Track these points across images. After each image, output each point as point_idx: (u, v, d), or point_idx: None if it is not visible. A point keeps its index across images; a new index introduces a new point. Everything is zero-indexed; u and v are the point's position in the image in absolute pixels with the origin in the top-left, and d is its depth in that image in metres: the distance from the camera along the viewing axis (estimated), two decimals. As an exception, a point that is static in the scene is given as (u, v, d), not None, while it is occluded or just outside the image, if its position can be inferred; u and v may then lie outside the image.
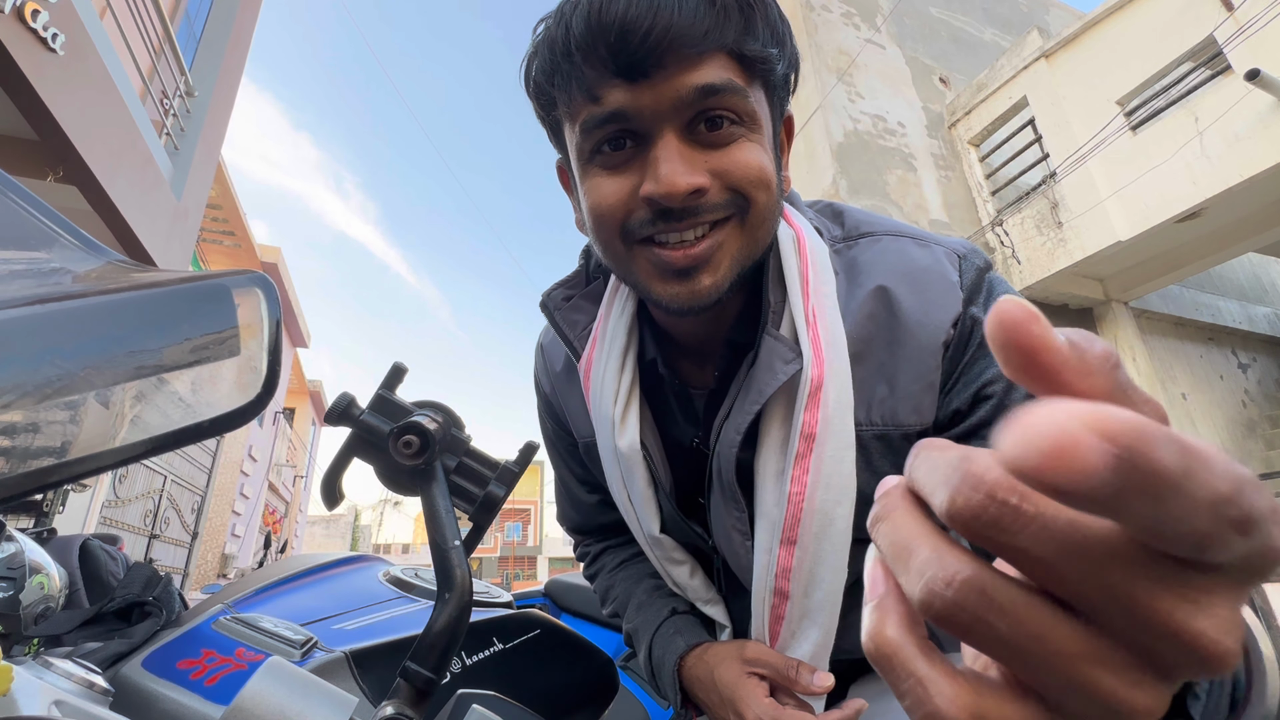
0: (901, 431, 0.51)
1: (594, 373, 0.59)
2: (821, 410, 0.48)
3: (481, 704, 0.36)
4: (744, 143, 0.45)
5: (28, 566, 0.62)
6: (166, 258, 4.67)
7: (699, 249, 0.45)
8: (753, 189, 0.45)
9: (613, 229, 0.47)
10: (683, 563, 0.64)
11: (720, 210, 0.45)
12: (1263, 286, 8.67)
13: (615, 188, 0.45)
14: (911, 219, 6.69)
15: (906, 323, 0.50)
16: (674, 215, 0.44)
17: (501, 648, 0.59)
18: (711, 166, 0.44)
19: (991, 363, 0.49)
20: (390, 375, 0.45)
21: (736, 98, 0.43)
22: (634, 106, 0.43)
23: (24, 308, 0.25)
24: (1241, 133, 4.98)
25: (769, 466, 0.53)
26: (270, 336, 0.30)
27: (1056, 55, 6.49)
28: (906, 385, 0.50)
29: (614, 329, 0.58)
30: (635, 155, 0.45)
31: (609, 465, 0.62)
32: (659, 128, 0.44)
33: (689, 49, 0.41)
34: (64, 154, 3.36)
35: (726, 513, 0.57)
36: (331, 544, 29.27)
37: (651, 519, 0.61)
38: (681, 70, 0.42)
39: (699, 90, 0.42)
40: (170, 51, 4.63)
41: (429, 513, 0.40)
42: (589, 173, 0.47)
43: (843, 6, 7.67)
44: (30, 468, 0.22)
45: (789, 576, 0.51)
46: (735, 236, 0.46)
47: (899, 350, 0.50)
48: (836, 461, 0.49)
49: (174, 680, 0.44)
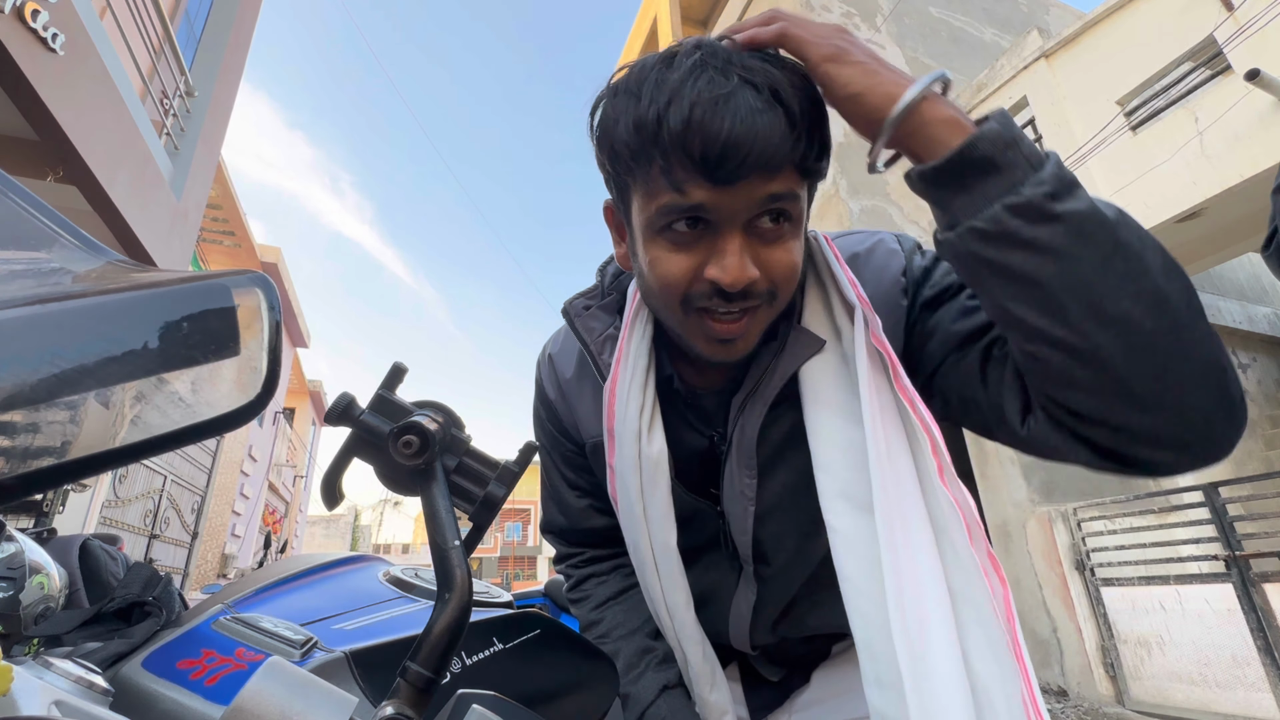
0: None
1: (619, 390, 0.64)
2: (887, 343, 0.55)
3: (481, 704, 0.36)
4: (789, 241, 0.53)
5: (28, 566, 0.62)
6: (166, 258, 4.67)
7: (739, 325, 0.54)
8: (785, 284, 0.54)
9: (675, 297, 0.54)
10: (682, 589, 0.67)
11: (758, 300, 0.54)
12: (1263, 286, 8.67)
13: (683, 265, 0.52)
14: (912, 219, 6.69)
15: (871, 278, 0.61)
16: (729, 297, 0.52)
17: (501, 648, 0.59)
18: (760, 261, 0.52)
19: (937, 293, 0.59)
20: (390, 375, 0.45)
21: (795, 202, 0.51)
22: (713, 203, 0.49)
23: (24, 308, 0.25)
24: (1241, 133, 4.98)
25: (824, 422, 0.58)
26: (270, 336, 0.30)
27: (1056, 55, 6.49)
28: (889, 329, 0.59)
29: (636, 350, 0.64)
30: (702, 238, 0.52)
31: (628, 477, 0.65)
32: (730, 225, 0.50)
33: (764, 165, 0.47)
34: (64, 154, 3.36)
35: (739, 479, 0.63)
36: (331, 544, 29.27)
37: (669, 529, 0.65)
38: (760, 181, 0.48)
39: (769, 198, 0.49)
40: (170, 51, 4.63)
41: (429, 513, 0.40)
42: (656, 243, 0.53)
43: (843, 6, 7.67)
44: (30, 468, 0.22)
45: (975, 513, 0.52)
46: (766, 316, 0.56)
47: (878, 307, 0.59)
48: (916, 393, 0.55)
49: (174, 680, 0.44)
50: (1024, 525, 5.20)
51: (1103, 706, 4.36)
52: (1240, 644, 3.81)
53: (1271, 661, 3.67)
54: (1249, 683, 3.75)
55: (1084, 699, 4.53)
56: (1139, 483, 6.15)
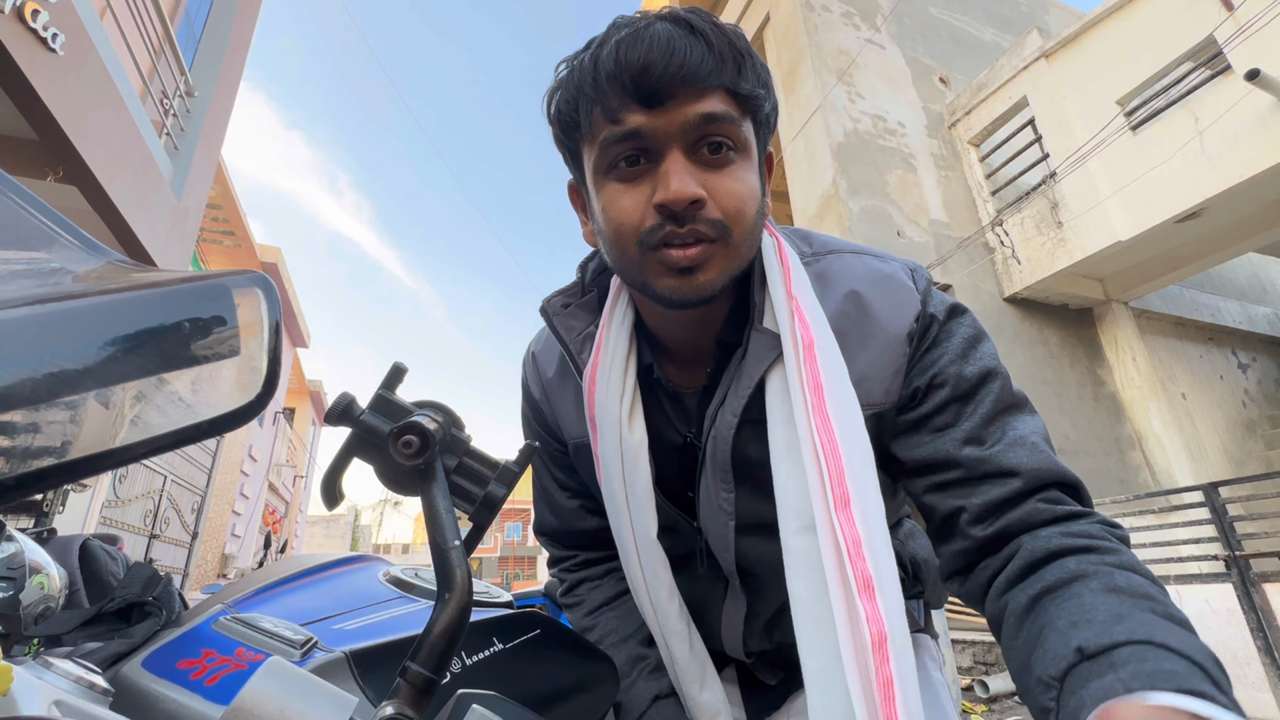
0: (875, 411, 0.57)
1: (599, 377, 0.63)
2: (820, 364, 0.54)
3: (481, 704, 0.36)
4: (736, 168, 0.53)
5: (28, 566, 0.62)
6: (166, 258, 4.67)
7: (694, 252, 0.52)
8: (738, 214, 0.53)
9: (631, 237, 0.53)
10: (665, 582, 0.65)
11: (711, 230, 0.52)
12: (1263, 286, 8.67)
13: (632, 200, 0.53)
14: (911, 219, 6.68)
15: (877, 318, 0.57)
16: (678, 220, 0.51)
17: (501, 648, 0.59)
18: (708, 186, 0.52)
19: (944, 353, 0.57)
20: (390, 375, 0.45)
21: (732, 126, 0.52)
22: (648, 128, 0.51)
23: (24, 308, 0.25)
24: (1241, 133, 4.98)
25: (779, 440, 0.56)
26: (270, 336, 0.30)
27: (1056, 55, 6.49)
28: (880, 371, 0.57)
29: (615, 337, 0.64)
30: (646, 171, 0.53)
31: (610, 464, 0.64)
32: (668, 147, 0.51)
33: (695, 85, 0.50)
34: (64, 154, 3.36)
35: (715, 494, 0.62)
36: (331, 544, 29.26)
37: (650, 520, 0.64)
38: (688, 101, 0.50)
39: (702, 117, 0.50)
40: (170, 51, 4.63)
41: (429, 513, 0.40)
42: (604, 185, 0.55)
43: (843, 6, 7.67)
44: (30, 468, 0.22)
45: (860, 547, 0.49)
46: (723, 252, 0.54)
47: (871, 341, 0.57)
48: (850, 413, 0.53)
49: (174, 680, 0.44)
50: (1024, 525, 5.19)
51: (1103, 706, 4.36)
52: (1240, 644, 3.81)
53: (1271, 661, 3.67)
54: (1249, 683, 3.75)
55: (1084, 699, 4.53)
56: (1139, 483, 6.15)
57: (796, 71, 7.35)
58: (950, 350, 0.57)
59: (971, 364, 0.56)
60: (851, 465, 0.51)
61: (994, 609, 0.50)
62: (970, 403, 0.55)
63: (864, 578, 0.48)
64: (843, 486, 0.51)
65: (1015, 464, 0.52)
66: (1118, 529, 0.50)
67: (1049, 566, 0.47)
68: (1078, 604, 0.42)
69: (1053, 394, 6.23)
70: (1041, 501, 0.51)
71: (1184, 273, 6.32)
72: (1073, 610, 0.42)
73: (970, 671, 5.15)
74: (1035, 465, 0.51)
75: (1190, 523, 4.16)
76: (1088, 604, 0.42)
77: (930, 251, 6.55)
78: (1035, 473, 0.51)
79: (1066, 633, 0.41)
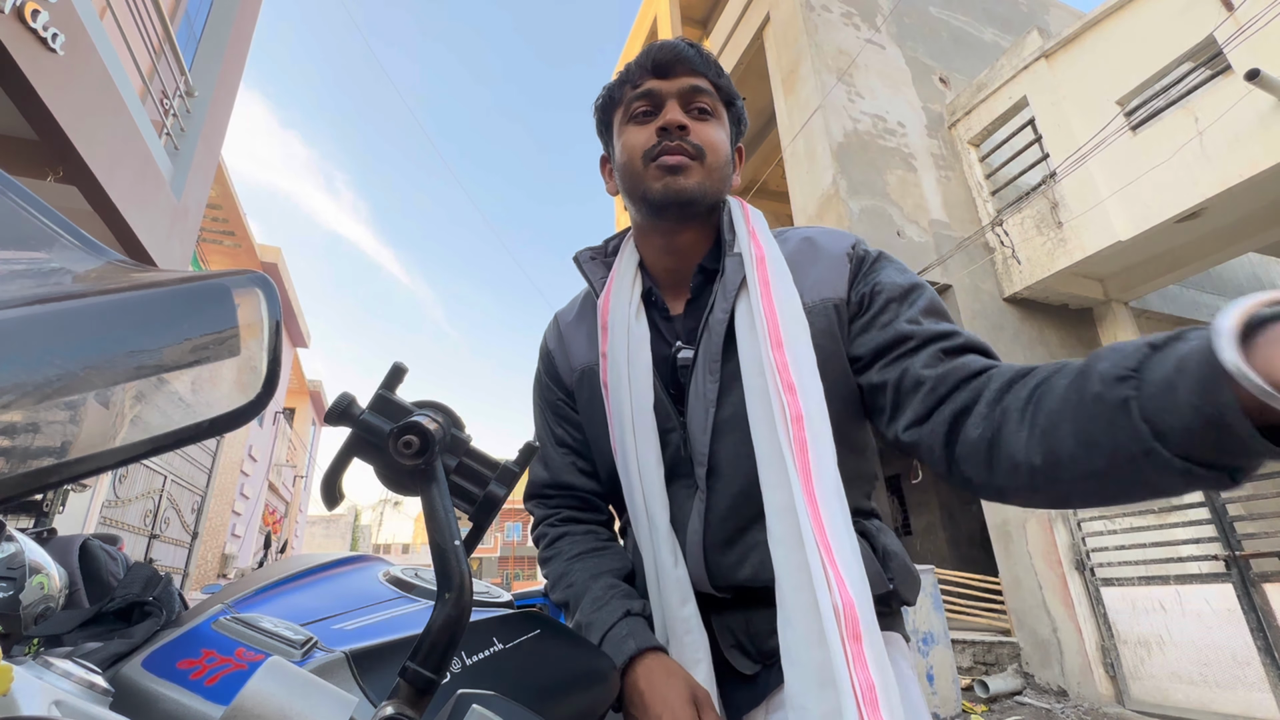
0: (832, 302, 0.73)
1: (613, 293, 0.81)
2: (770, 268, 0.72)
3: (481, 704, 0.36)
4: (713, 123, 0.78)
5: (28, 566, 0.62)
6: (166, 258, 4.67)
7: (680, 157, 0.74)
8: (711, 146, 0.76)
9: (638, 153, 0.77)
10: (655, 466, 0.74)
11: (692, 150, 0.75)
12: (1263, 286, 8.67)
13: (643, 132, 0.77)
14: (911, 219, 6.68)
15: (823, 247, 0.78)
16: (670, 135, 0.75)
17: (501, 648, 0.59)
18: (693, 127, 0.76)
19: (881, 271, 0.74)
20: (390, 375, 0.45)
21: (712, 99, 0.79)
22: (658, 88, 0.78)
23: (24, 308, 0.25)
24: (1241, 133, 4.98)
25: (744, 328, 0.71)
26: (270, 336, 0.30)
27: (1056, 55, 6.49)
28: (829, 275, 0.75)
29: (625, 270, 0.83)
30: (653, 116, 0.78)
31: (618, 353, 0.77)
32: (669, 100, 0.77)
33: (689, 67, 0.78)
34: (64, 154, 3.36)
35: (703, 384, 0.73)
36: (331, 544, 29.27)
37: (647, 392, 0.75)
38: (684, 75, 0.78)
39: (692, 86, 0.78)
40: (170, 51, 4.63)
41: (429, 513, 0.40)
42: (625, 129, 0.79)
43: (843, 6, 7.67)
44: (30, 468, 0.22)
45: (788, 369, 0.66)
46: (699, 169, 0.75)
47: (819, 260, 0.76)
48: (790, 299, 0.71)
49: (174, 680, 0.44)
50: (1024, 525, 5.19)
51: (1103, 706, 4.36)
52: (1240, 644, 3.81)
53: (1271, 661, 3.67)
54: (1249, 683, 3.75)
55: (1084, 699, 4.54)
56: (1139, 483, 6.15)
57: (796, 71, 7.35)
58: (886, 270, 0.74)
59: (905, 276, 0.73)
60: (789, 333, 0.68)
61: (975, 433, 0.55)
62: (906, 302, 0.70)
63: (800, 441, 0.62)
64: (786, 373, 0.65)
65: (950, 330, 0.66)
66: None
67: (1032, 373, 0.54)
68: (1095, 360, 0.47)
69: (1053, 394, 6.23)
70: (977, 355, 0.63)
71: (1184, 273, 6.32)
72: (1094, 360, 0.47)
73: (970, 671, 5.15)
74: (968, 335, 0.65)
75: (1190, 523, 4.16)
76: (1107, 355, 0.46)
77: (930, 251, 6.55)
78: (969, 338, 0.64)
79: (1114, 354, 0.45)
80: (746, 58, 8.57)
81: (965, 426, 0.57)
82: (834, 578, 0.56)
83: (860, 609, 0.56)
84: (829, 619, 0.55)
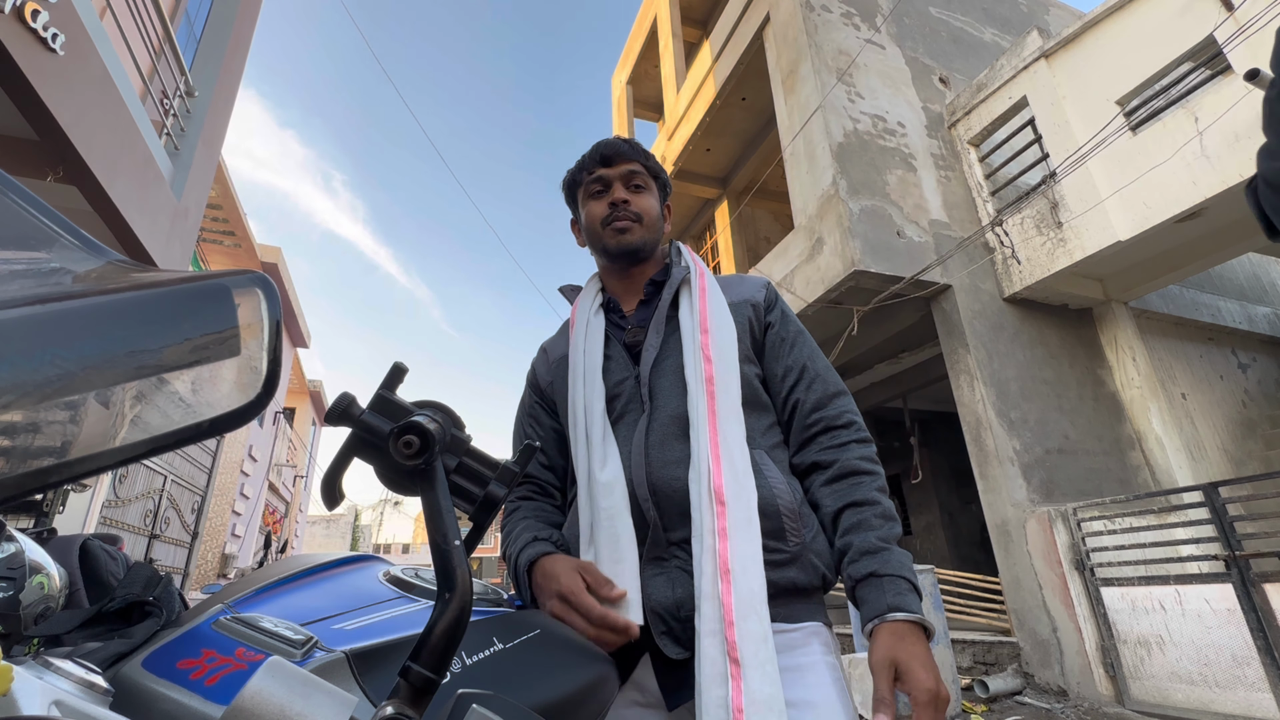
0: (753, 305, 1.03)
1: (580, 302, 1.10)
2: (706, 279, 1.03)
3: (481, 704, 0.36)
4: (645, 194, 1.08)
5: (28, 566, 0.62)
6: (166, 258, 4.67)
7: (626, 221, 1.05)
8: (645, 211, 1.07)
9: (597, 220, 1.07)
10: (598, 403, 0.95)
11: (633, 215, 1.05)
12: (1263, 286, 8.67)
13: (600, 205, 1.08)
14: (911, 219, 6.68)
15: (745, 281, 1.09)
16: (618, 207, 1.05)
17: (501, 648, 0.59)
18: (631, 198, 1.06)
19: (781, 311, 1.05)
20: (390, 375, 0.45)
21: (644, 177, 1.08)
22: (607, 174, 1.07)
23: (24, 308, 0.25)
24: (1241, 133, 4.98)
25: (684, 312, 0.99)
26: (270, 336, 0.30)
27: (1056, 55, 6.49)
28: (749, 292, 1.06)
29: (589, 289, 1.12)
30: (604, 193, 1.08)
31: (579, 330, 1.04)
32: (615, 182, 1.07)
33: (625, 157, 1.08)
34: (64, 154, 3.36)
35: (652, 339, 0.98)
36: (331, 544, 29.24)
37: (597, 352, 0.99)
38: (623, 163, 1.07)
39: (630, 170, 1.07)
40: (170, 51, 4.63)
41: (429, 513, 0.40)
42: (588, 202, 1.09)
43: (843, 6, 7.67)
44: (30, 468, 0.22)
45: (709, 342, 0.94)
46: (639, 228, 1.05)
47: (743, 285, 1.07)
48: (717, 297, 1.01)
49: (174, 680, 0.44)
50: (1024, 525, 5.20)
51: (1103, 706, 4.36)
52: (1240, 644, 3.81)
53: (1271, 661, 3.67)
54: (1249, 683, 3.75)
55: (1084, 699, 4.54)
56: (1139, 483, 6.15)
57: (796, 71, 7.34)
58: (783, 312, 1.05)
59: (793, 324, 1.05)
60: (713, 320, 0.97)
61: (810, 483, 0.93)
62: (796, 344, 1.02)
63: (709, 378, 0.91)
64: (705, 339, 0.94)
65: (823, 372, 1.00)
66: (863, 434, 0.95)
67: (846, 481, 0.89)
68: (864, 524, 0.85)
69: (1052, 394, 6.23)
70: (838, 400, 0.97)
71: (1184, 273, 6.31)
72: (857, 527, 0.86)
73: (970, 671, 5.15)
74: (833, 383, 0.98)
75: (1190, 523, 4.16)
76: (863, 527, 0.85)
77: (930, 251, 6.54)
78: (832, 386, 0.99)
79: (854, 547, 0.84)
80: (746, 58, 8.56)
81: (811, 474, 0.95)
82: (713, 469, 0.83)
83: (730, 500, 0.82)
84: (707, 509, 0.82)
